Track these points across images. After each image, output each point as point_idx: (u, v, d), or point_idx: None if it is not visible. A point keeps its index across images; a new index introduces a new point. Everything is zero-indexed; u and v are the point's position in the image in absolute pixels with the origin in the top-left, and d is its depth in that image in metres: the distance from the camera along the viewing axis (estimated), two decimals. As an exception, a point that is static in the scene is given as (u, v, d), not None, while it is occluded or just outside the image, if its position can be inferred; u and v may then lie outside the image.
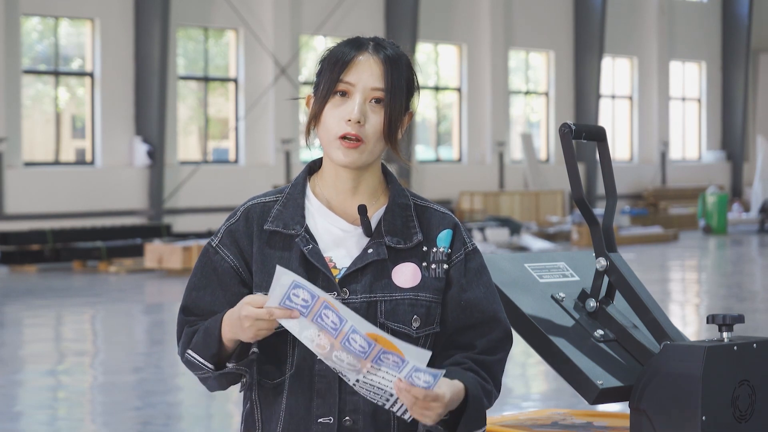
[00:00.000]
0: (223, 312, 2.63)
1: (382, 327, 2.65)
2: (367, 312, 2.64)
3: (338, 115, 2.65)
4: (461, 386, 2.59)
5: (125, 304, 15.04)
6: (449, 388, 2.54)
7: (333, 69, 2.66)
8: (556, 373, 2.90)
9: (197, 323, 2.70)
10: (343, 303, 2.62)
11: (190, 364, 2.69)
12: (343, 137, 2.64)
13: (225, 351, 2.64)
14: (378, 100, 2.66)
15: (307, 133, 2.73)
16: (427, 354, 2.47)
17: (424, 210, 2.75)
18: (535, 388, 9.47)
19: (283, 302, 2.47)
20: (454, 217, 2.78)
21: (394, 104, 2.67)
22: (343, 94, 2.66)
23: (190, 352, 2.66)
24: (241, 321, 2.52)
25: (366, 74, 2.65)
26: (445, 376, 2.57)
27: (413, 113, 2.74)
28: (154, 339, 12.40)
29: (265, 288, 2.65)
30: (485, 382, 2.67)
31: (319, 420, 2.62)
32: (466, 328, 2.72)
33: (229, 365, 2.63)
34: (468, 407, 2.61)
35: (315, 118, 2.69)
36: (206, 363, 2.63)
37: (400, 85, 2.68)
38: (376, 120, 2.66)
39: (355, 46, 2.68)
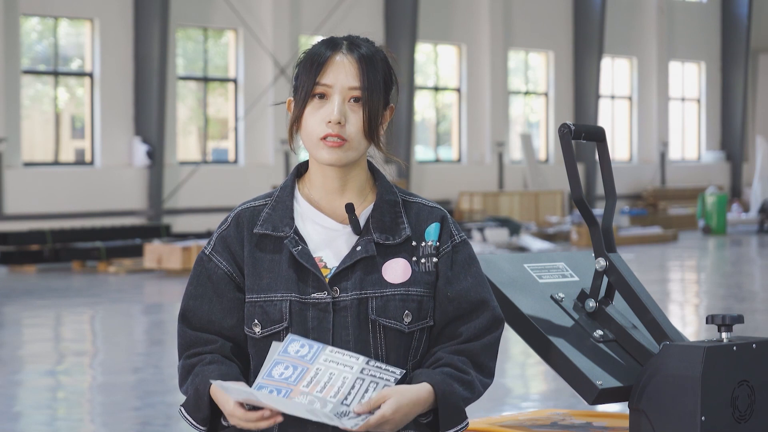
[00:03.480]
0: (212, 374, 2.65)
1: (374, 323, 2.67)
2: (359, 309, 2.66)
3: (319, 118, 2.68)
4: (428, 387, 2.61)
5: (124, 304, 15.04)
6: (403, 396, 2.57)
7: (309, 72, 2.68)
8: (555, 373, 2.90)
9: (198, 351, 2.72)
10: (334, 301, 2.65)
11: (184, 417, 2.72)
12: (326, 137, 2.67)
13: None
14: (356, 99, 2.68)
15: (290, 137, 2.76)
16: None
17: (412, 205, 2.77)
18: (534, 388, 9.47)
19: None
20: (443, 210, 2.80)
21: (372, 102, 2.68)
22: (322, 96, 2.68)
23: (182, 410, 2.69)
24: (227, 414, 2.59)
25: (342, 74, 2.67)
26: (411, 381, 2.64)
27: (394, 107, 2.76)
28: (154, 339, 12.40)
29: (256, 292, 2.68)
30: (463, 373, 2.67)
31: (313, 421, 2.63)
32: (455, 319, 2.73)
33: (225, 423, 2.67)
34: (440, 406, 2.63)
35: (296, 121, 2.72)
36: (197, 425, 2.67)
37: (376, 82, 2.69)
38: (356, 119, 2.68)
39: (329, 46, 2.70)
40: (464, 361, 2.69)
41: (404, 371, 2.62)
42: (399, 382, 2.63)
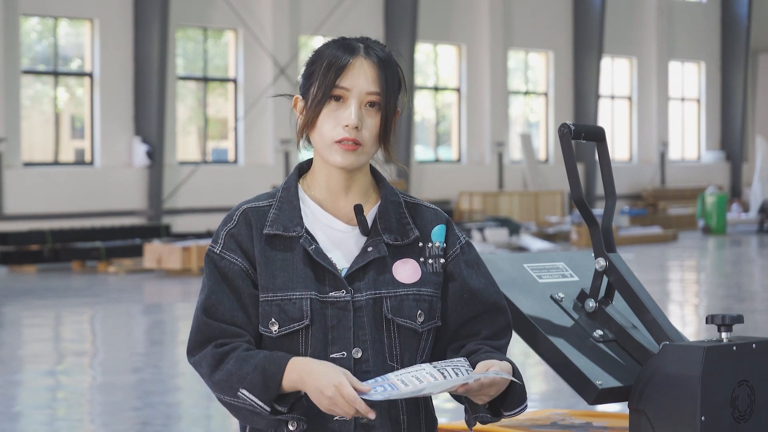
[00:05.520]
0: (285, 356, 2.60)
1: (389, 323, 2.68)
2: (374, 309, 2.67)
3: (334, 121, 2.67)
4: (509, 364, 2.64)
5: (124, 304, 15.04)
6: (501, 365, 2.61)
7: (327, 74, 2.67)
8: (555, 373, 2.90)
9: (227, 341, 2.65)
10: (352, 300, 2.64)
11: (235, 398, 2.62)
12: (341, 141, 2.66)
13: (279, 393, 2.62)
14: (373, 104, 2.68)
15: (300, 136, 2.75)
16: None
17: (415, 207, 2.79)
18: (534, 388, 9.46)
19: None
20: (444, 213, 2.82)
21: (389, 107, 2.69)
22: (338, 98, 2.67)
23: (244, 392, 2.59)
24: (322, 396, 2.53)
25: (361, 79, 2.67)
26: (486, 358, 2.66)
27: (400, 112, 2.76)
28: (153, 339, 12.40)
29: (272, 290, 2.66)
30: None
31: (335, 418, 2.64)
32: (471, 319, 2.76)
33: (280, 408, 2.60)
34: (515, 384, 2.65)
35: (310, 123, 2.69)
36: (264, 406, 2.59)
37: (394, 87, 2.70)
38: (372, 123, 2.68)
39: (348, 50, 2.69)
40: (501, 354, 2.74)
41: (465, 358, 2.65)
42: None
